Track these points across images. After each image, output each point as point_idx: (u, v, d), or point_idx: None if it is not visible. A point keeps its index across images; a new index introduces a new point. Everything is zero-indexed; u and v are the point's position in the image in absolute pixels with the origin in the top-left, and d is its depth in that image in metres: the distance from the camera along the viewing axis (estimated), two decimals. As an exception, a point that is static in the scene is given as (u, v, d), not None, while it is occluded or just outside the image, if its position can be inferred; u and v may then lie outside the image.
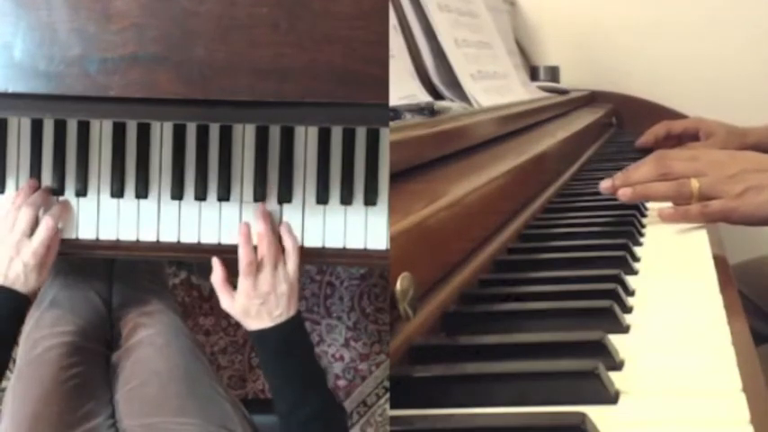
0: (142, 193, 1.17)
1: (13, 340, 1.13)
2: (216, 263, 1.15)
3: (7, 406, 1.23)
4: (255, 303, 1.11)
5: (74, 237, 1.16)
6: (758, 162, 1.11)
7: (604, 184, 1.16)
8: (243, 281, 1.12)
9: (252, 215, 1.17)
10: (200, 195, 1.17)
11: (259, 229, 1.14)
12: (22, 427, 1.16)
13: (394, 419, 0.57)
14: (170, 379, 1.24)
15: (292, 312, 1.12)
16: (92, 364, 1.29)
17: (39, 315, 1.33)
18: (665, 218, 1.10)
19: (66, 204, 1.16)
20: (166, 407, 1.19)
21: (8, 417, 1.20)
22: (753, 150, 1.62)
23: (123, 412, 1.22)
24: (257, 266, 1.12)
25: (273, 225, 1.16)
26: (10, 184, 1.17)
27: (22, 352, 1.30)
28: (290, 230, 1.16)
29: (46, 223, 1.11)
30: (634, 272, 0.91)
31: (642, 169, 1.13)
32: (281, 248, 1.14)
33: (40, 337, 1.30)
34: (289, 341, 1.13)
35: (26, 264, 1.09)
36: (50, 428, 1.15)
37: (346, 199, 1.18)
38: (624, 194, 1.12)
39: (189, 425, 1.15)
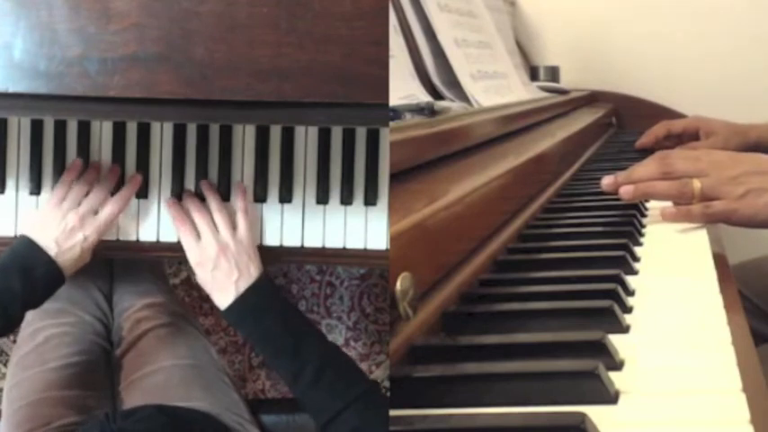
0: (142, 192, 1.17)
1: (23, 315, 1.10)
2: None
3: (6, 394, 1.23)
4: (208, 270, 1.09)
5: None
6: (760, 164, 1.11)
7: (606, 181, 1.16)
8: (188, 252, 1.11)
9: (252, 215, 1.17)
10: (200, 195, 1.17)
11: (187, 206, 1.14)
12: (22, 414, 1.16)
13: (394, 419, 0.57)
14: (175, 368, 1.24)
15: (254, 274, 1.10)
16: (92, 355, 1.29)
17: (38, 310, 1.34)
18: (667, 217, 1.10)
19: (130, 195, 1.15)
20: (171, 394, 1.19)
21: (7, 404, 1.20)
22: (754, 148, 1.63)
23: (127, 402, 1.22)
24: (197, 235, 1.11)
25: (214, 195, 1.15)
26: (10, 184, 1.17)
27: (21, 341, 1.30)
28: (242, 192, 1.15)
29: (115, 203, 1.12)
30: (634, 272, 0.91)
31: (644, 168, 1.14)
32: (226, 213, 1.13)
33: (40, 327, 1.30)
34: (258, 307, 1.09)
35: (86, 237, 1.09)
36: (50, 416, 1.15)
37: (346, 199, 1.18)
38: (626, 192, 1.13)
39: (195, 407, 1.15)
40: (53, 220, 1.09)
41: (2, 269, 1.06)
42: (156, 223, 1.17)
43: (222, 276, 1.09)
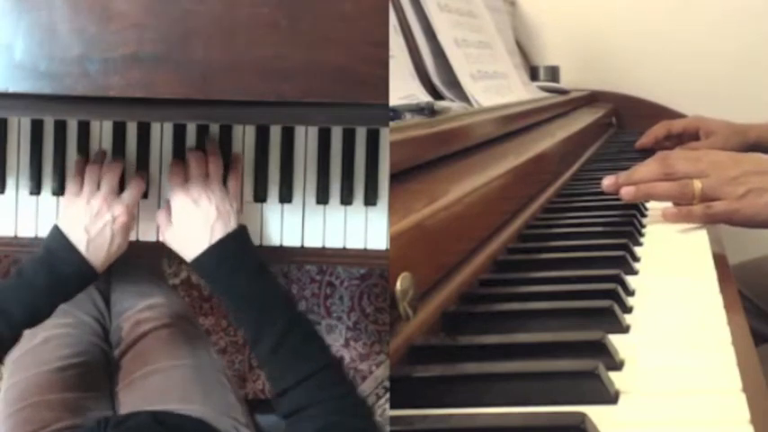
0: (142, 193, 1.17)
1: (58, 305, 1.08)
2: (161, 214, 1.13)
3: (4, 395, 1.23)
4: (188, 209, 1.07)
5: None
6: (760, 164, 1.11)
7: (607, 182, 1.16)
8: (174, 195, 1.10)
9: (252, 215, 1.17)
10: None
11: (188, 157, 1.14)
12: (20, 417, 1.16)
13: (394, 419, 0.57)
14: (174, 370, 1.24)
15: (233, 225, 1.07)
16: (91, 356, 1.29)
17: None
18: (669, 218, 1.11)
19: (142, 179, 1.14)
20: (170, 395, 1.19)
21: (5, 406, 1.20)
22: (754, 147, 1.63)
23: (125, 403, 1.22)
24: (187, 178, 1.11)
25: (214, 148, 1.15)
26: (10, 184, 1.17)
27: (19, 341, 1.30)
28: (237, 161, 1.15)
29: (136, 182, 1.12)
30: (634, 272, 0.91)
31: (645, 169, 1.14)
32: (219, 165, 1.12)
33: (38, 328, 1.30)
34: (231, 258, 1.06)
35: (115, 218, 1.07)
36: (48, 419, 1.15)
37: (346, 199, 1.18)
38: (627, 193, 1.13)
39: (191, 411, 1.15)
40: (77, 210, 1.07)
41: (31, 263, 1.05)
42: (156, 223, 1.17)
43: (199, 215, 1.06)
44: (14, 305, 1.03)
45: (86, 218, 1.06)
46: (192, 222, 1.07)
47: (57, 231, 1.06)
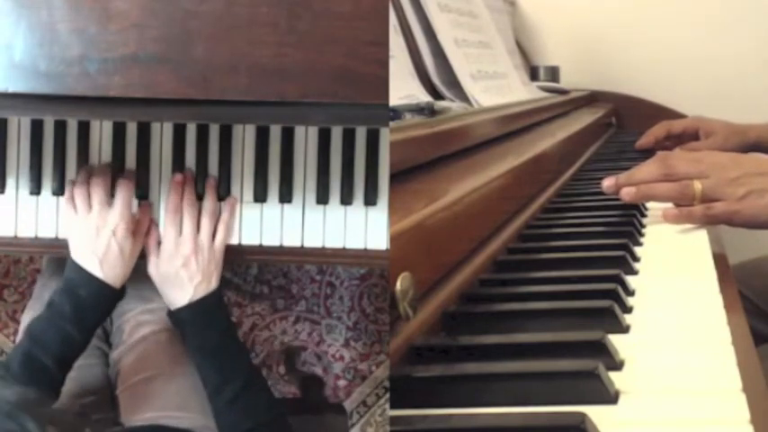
0: (142, 193, 1.17)
1: (94, 329, 1.14)
2: (153, 225, 1.15)
3: None
4: (177, 265, 1.11)
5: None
6: (760, 165, 1.11)
7: (607, 183, 1.16)
8: (165, 240, 1.13)
9: (253, 215, 1.17)
10: (200, 195, 1.17)
11: (184, 197, 1.15)
12: None
13: (394, 419, 0.57)
14: (173, 375, 1.24)
15: (213, 286, 1.13)
16: (91, 359, 1.29)
17: (38, 309, 1.33)
18: (669, 219, 1.11)
19: (131, 177, 1.15)
20: (169, 402, 1.19)
21: None
22: (754, 148, 1.63)
23: (124, 407, 1.22)
24: (179, 230, 1.13)
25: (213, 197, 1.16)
26: (10, 183, 1.17)
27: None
28: (231, 207, 1.16)
29: (123, 184, 1.13)
30: (634, 272, 0.91)
31: (645, 169, 1.14)
32: (213, 221, 1.14)
33: None
34: (208, 317, 1.13)
35: (114, 229, 1.09)
36: None
37: (346, 199, 1.18)
38: (627, 194, 1.13)
39: (189, 419, 1.15)
40: (79, 234, 1.11)
41: (57, 293, 1.10)
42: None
43: (186, 276, 1.11)
44: (49, 334, 1.08)
45: (88, 240, 1.10)
46: (178, 278, 1.12)
47: (72, 262, 1.11)
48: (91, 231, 1.10)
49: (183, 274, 1.11)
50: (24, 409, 0.71)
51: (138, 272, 1.47)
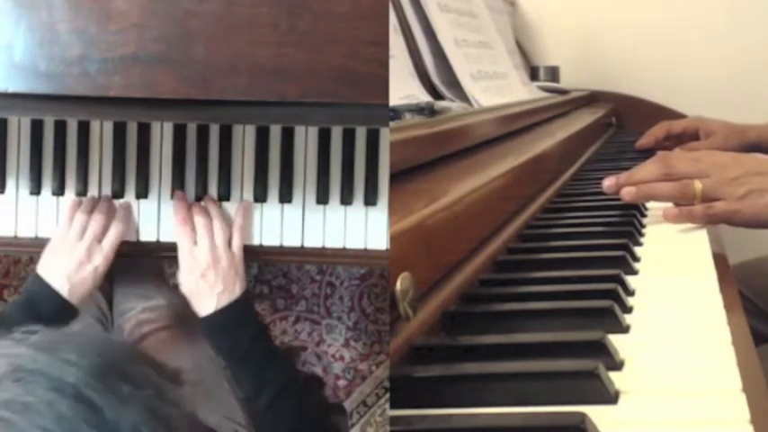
0: (142, 193, 1.17)
1: None
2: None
3: None
4: (195, 277, 1.11)
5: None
6: (760, 165, 1.11)
7: (607, 183, 1.16)
8: (181, 254, 1.12)
9: (253, 215, 1.17)
10: (201, 195, 1.17)
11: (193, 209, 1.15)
12: None
13: (394, 419, 0.57)
14: None
15: (237, 293, 1.12)
16: None
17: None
18: (670, 218, 1.10)
19: (129, 209, 1.16)
20: None
21: None
22: (754, 148, 1.63)
23: None
24: (194, 240, 1.12)
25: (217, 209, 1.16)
26: (10, 183, 1.17)
27: None
28: (245, 210, 1.16)
29: (117, 229, 1.13)
30: (634, 272, 0.91)
31: (645, 169, 1.14)
32: (226, 227, 1.14)
33: None
34: (235, 323, 1.12)
35: (96, 268, 1.11)
36: None
37: (346, 199, 1.18)
38: (628, 193, 1.13)
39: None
40: (61, 259, 1.11)
41: (11, 305, 1.10)
42: (156, 223, 1.17)
43: (206, 287, 1.11)
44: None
45: (69, 267, 1.10)
46: (200, 287, 1.11)
47: (37, 277, 1.10)
48: (74, 260, 1.10)
49: (203, 285, 1.11)
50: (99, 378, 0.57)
51: (138, 270, 1.47)
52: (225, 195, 1.17)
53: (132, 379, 0.58)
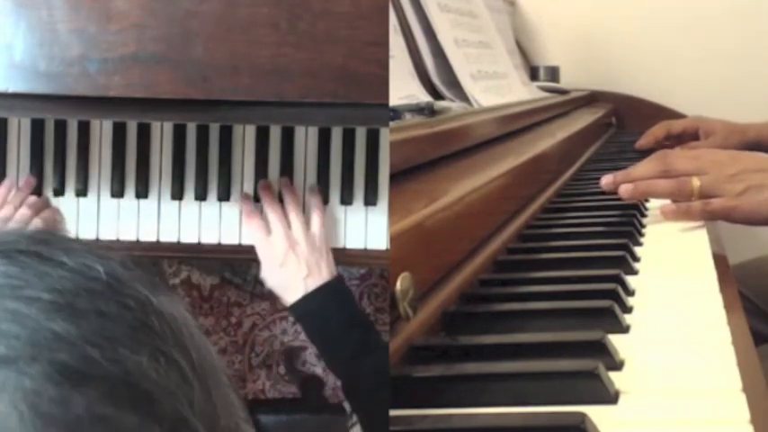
0: (142, 192, 1.17)
1: None
2: None
3: None
4: (276, 266, 1.08)
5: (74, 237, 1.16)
6: (759, 162, 1.11)
7: (605, 180, 1.16)
8: (258, 248, 1.10)
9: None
10: (201, 195, 1.17)
11: (263, 200, 1.13)
12: None
13: (394, 419, 0.57)
14: None
15: (325, 274, 1.08)
16: None
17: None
18: (667, 215, 1.10)
19: (56, 211, 1.14)
20: None
21: None
22: (753, 147, 1.63)
23: None
24: (266, 228, 1.10)
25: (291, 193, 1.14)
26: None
27: None
28: (314, 192, 1.15)
29: (25, 209, 1.11)
30: (634, 272, 0.91)
31: (644, 167, 1.14)
32: (299, 211, 1.12)
33: None
34: (325, 309, 1.07)
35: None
36: None
37: (346, 199, 1.18)
38: (626, 191, 1.12)
39: None
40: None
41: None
42: (156, 223, 1.17)
43: (290, 274, 1.08)
44: None
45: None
46: (283, 276, 1.08)
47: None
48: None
49: (286, 273, 1.08)
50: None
51: (137, 269, 1.47)
52: (225, 195, 1.17)
53: None
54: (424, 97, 1.15)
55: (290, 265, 1.08)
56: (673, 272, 0.92)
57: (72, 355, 0.33)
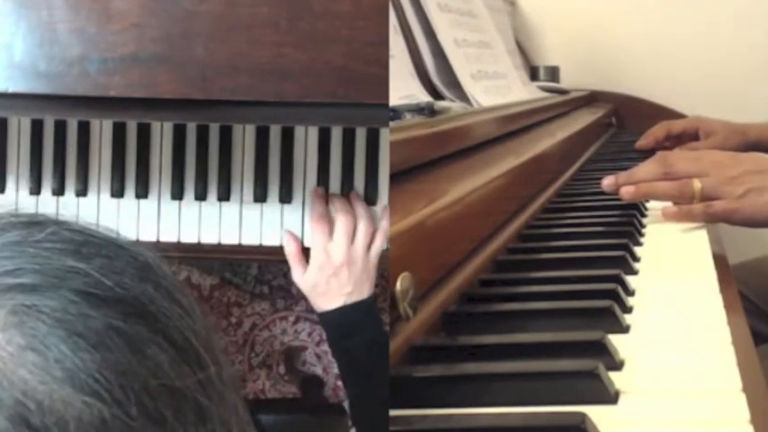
0: (142, 193, 1.17)
1: None
2: (288, 236, 1.14)
3: None
4: (326, 274, 1.09)
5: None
6: (759, 164, 1.11)
7: (607, 182, 1.16)
8: (314, 251, 1.10)
9: (253, 215, 1.17)
10: (201, 195, 1.17)
11: (335, 206, 1.13)
12: None
13: (394, 419, 0.57)
14: None
15: (364, 295, 1.10)
16: None
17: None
18: (669, 216, 1.10)
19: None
20: None
21: None
22: (754, 147, 1.63)
23: None
24: (330, 233, 1.10)
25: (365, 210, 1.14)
26: (10, 183, 1.17)
27: None
28: (386, 210, 1.15)
29: None
30: (634, 272, 0.91)
31: (645, 168, 1.14)
32: (370, 228, 1.12)
33: None
34: (354, 324, 1.09)
35: None
36: None
37: (346, 199, 1.18)
38: (627, 192, 1.13)
39: None
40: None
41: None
42: (156, 223, 1.17)
43: (337, 285, 1.09)
44: None
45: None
46: (330, 287, 1.09)
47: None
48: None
49: (334, 284, 1.09)
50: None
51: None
52: (225, 195, 1.17)
53: None
54: (424, 97, 1.15)
55: (341, 279, 1.09)
56: (673, 272, 0.92)
57: (87, 283, 0.42)
